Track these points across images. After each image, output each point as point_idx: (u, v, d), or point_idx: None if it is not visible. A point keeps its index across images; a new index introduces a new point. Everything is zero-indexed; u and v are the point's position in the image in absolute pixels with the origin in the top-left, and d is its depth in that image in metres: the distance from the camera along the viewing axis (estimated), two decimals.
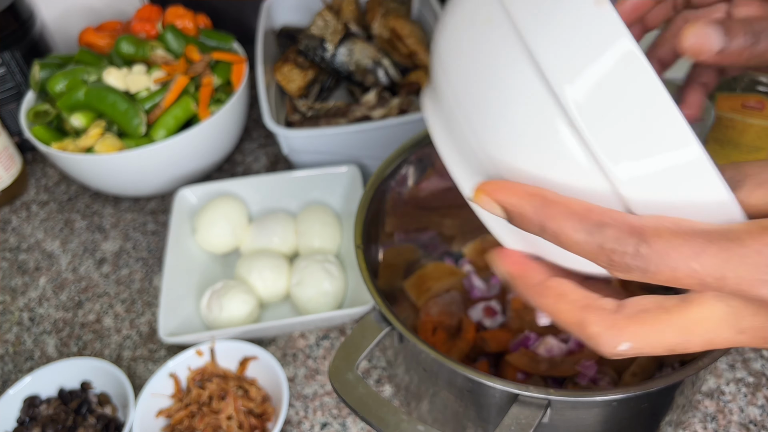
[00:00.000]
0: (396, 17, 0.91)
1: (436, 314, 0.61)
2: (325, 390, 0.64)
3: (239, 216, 0.75)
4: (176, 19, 0.90)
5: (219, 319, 0.66)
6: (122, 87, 0.81)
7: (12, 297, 0.77)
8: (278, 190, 0.79)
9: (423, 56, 0.89)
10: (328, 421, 0.62)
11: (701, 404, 0.60)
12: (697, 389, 0.53)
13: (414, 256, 0.68)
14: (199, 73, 0.83)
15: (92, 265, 0.80)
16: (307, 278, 0.68)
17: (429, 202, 0.66)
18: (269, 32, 0.95)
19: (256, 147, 0.94)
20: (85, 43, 0.91)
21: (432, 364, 0.48)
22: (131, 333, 0.72)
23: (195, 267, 0.73)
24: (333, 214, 0.76)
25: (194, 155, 0.81)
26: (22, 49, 0.89)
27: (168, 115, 0.79)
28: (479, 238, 0.71)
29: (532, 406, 0.42)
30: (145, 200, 0.88)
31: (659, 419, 0.50)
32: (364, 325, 0.47)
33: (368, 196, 0.56)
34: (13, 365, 0.70)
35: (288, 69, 0.88)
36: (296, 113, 0.85)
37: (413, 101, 0.83)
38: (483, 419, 0.48)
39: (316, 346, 0.68)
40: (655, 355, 0.33)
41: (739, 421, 0.59)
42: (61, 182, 0.92)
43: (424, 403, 0.53)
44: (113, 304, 0.75)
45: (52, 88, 0.80)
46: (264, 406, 0.61)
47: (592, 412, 0.45)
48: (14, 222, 0.87)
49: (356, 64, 0.86)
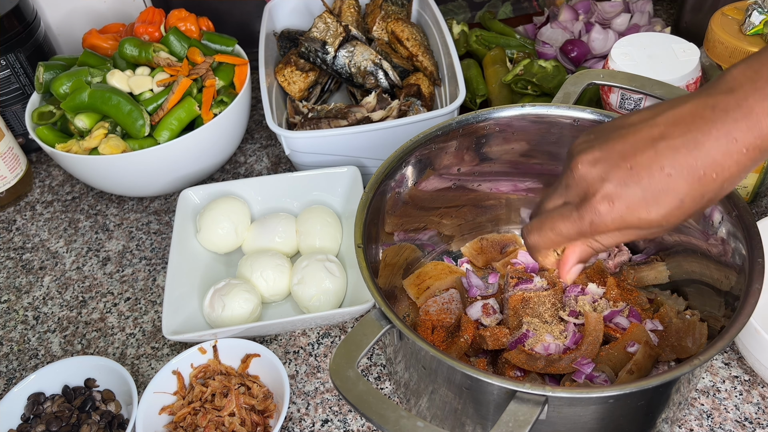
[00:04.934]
0: (396, 20, 0.91)
1: (435, 312, 0.62)
2: (326, 387, 0.65)
3: (241, 216, 0.76)
4: (179, 21, 0.90)
5: (221, 317, 0.67)
6: (126, 89, 0.82)
7: (17, 296, 0.78)
8: (280, 191, 0.79)
9: (422, 59, 0.90)
10: (329, 417, 0.63)
11: (697, 401, 0.61)
12: (693, 387, 0.54)
13: (413, 255, 0.69)
14: (201, 75, 0.84)
15: (96, 265, 0.81)
16: (308, 277, 0.69)
17: (428, 202, 0.66)
18: (271, 35, 0.96)
19: (258, 148, 0.95)
20: (89, 45, 0.91)
21: (431, 361, 0.49)
22: (135, 331, 0.72)
23: (198, 266, 0.74)
24: (333, 214, 0.77)
25: (197, 156, 0.81)
26: (27, 51, 0.90)
27: (171, 117, 0.80)
28: (477, 237, 0.72)
29: (530, 403, 0.43)
30: (149, 200, 0.88)
31: (655, 416, 0.50)
32: (365, 323, 0.48)
33: (368, 196, 0.56)
34: (18, 363, 0.71)
35: (289, 71, 0.89)
36: (297, 115, 0.86)
37: (413, 103, 0.84)
38: (481, 416, 0.49)
39: (317, 343, 0.69)
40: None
41: (734, 419, 0.59)
42: (66, 182, 0.93)
43: (423, 400, 0.54)
44: (117, 303, 0.76)
45: (56, 89, 0.81)
46: (266, 403, 0.61)
47: (588, 409, 0.46)
48: (19, 222, 0.88)
49: (356, 66, 0.87)
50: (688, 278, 0.61)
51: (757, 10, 0.70)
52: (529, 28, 1.02)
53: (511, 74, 0.89)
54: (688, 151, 0.39)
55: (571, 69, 0.93)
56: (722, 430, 0.59)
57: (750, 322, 0.56)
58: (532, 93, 0.88)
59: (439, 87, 0.91)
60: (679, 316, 0.60)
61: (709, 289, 0.57)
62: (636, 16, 0.97)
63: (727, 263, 0.53)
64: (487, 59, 0.94)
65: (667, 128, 0.40)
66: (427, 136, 0.61)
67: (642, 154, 0.40)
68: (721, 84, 0.39)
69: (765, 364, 0.58)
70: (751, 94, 0.37)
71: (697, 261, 0.59)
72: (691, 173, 0.39)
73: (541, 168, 0.67)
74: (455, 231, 0.71)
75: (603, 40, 0.93)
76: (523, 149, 0.65)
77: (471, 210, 0.70)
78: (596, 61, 0.93)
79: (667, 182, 0.39)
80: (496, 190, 0.69)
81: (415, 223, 0.67)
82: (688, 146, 0.39)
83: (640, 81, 0.64)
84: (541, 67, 0.88)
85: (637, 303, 0.62)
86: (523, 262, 0.65)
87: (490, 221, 0.72)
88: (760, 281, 0.47)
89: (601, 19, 0.97)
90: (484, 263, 0.70)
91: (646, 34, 0.78)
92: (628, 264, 0.66)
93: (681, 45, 0.75)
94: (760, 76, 0.37)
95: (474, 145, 0.64)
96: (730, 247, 0.52)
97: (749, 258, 0.49)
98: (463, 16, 1.09)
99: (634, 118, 0.42)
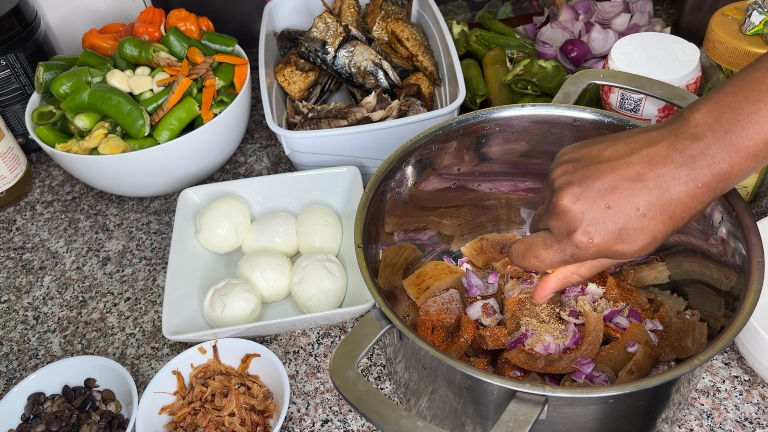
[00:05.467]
0: (396, 20, 0.91)
1: (435, 312, 0.62)
2: (326, 387, 0.65)
3: (241, 216, 0.76)
4: (179, 21, 0.90)
5: (221, 317, 0.67)
6: (126, 89, 0.82)
7: (17, 296, 0.78)
8: (280, 191, 0.80)
9: (422, 59, 0.90)
10: (329, 417, 0.63)
11: (697, 401, 0.61)
12: (693, 387, 0.54)
13: (413, 255, 0.69)
14: (201, 75, 0.84)
15: (96, 265, 0.81)
16: (308, 277, 0.69)
17: (428, 202, 0.66)
18: (271, 35, 0.96)
19: (258, 148, 0.95)
20: (89, 45, 0.91)
21: (431, 361, 0.49)
22: (135, 331, 0.72)
23: (198, 266, 0.74)
24: (333, 214, 0.77)
25: (197, 156, 0.81)
26: (27, 51, 0.90)
27: (171, 117, 0.80)
28: (477, 237, 0.72)
29: (530, 403, 0.43)
30: (149, 200, 0.88)
31: (655, 416, 0.50)
32: (365, 323, 0.48)
33: (368, 196, 0.56)
34: (18, 363, 0.71)
35: (289, 71, 0.89)
36: (297, 115, 0.86)
37: (413, 103, 0.84)
38: (481, 416, 0.49)
39: (317, 343, 0.69)
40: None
41: (734, 419, 0.59)
42: (66, 182, 0.93)
43: (423, 400, 0.54)
44: (117, 303, 0.76)
45: (56, 89, 0.81)
46: (266, 403, 0.61)
47: (588, 409, 0.46)
48: (19, 222, 0.88)
49: (356, 66, 0.87)
50: (688, 278, 0.61)
51: (757, 10, 0.70)
52: (529, 28, 1.02)
53: (511, 74, 0.89)
54: (660, 193, 0.43)
55: (571, 69, 0.93)
56: (722, 430, 0.59)
57: (750, 322, 0.56)
58: (532, 93, 0.88)
59: (439, 87, 0.91)
60: (679, 316, 0.60)
61: (709, 289, 0.57)
62: (636, 16, 0.97)
63: (727, 263, 0.53)
64: (487, 59, 0.94)
65: (642, 168, 0.44)
66: (427, 136, 0.61)
67: (620, 194, 0.44)
68: (686, 128, 0.43)
69: (765, 364, 0.58)
70: (713, 143, 0.42)
71: (697, 261, 0.59)
72: (663, 213, 0.44)
73: (541, 168, 0.67)
74: (455, 231, 0.71)
75: (603, 40, 0.93)
76: (523, 149, 0.65)
77: (471, 210, 0.70)
78: (596, 61, 0.93)
79: (642, 221, 0.44)
80: (496, 190, 0.69)
81: (415, 223, 0.67)
82: (660, 189, 0.43)
83: (640, 81, 0.64)
84: (541, 67, 0.88)
85: (637, 303, 0.62)
86: None
87: (490, 221, 0.72)
88: (760, 281, 0.47)
89: (601, 19, 0.97)
90: (484, 263, 0.70)
91: (646, 34, 0.78)
92: (628, 264, 0.66)
93: (681, 45, 0.75)
94: (719, 125, 0.42)
95: (474, 145, 0.64)
96: (730, 247, 0.52)
97: (749, 258, 0.49)
98: (463, 16, 1.09)
99: (610, 151, 0.46)
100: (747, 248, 0.49)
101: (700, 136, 0.42)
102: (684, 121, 0.43)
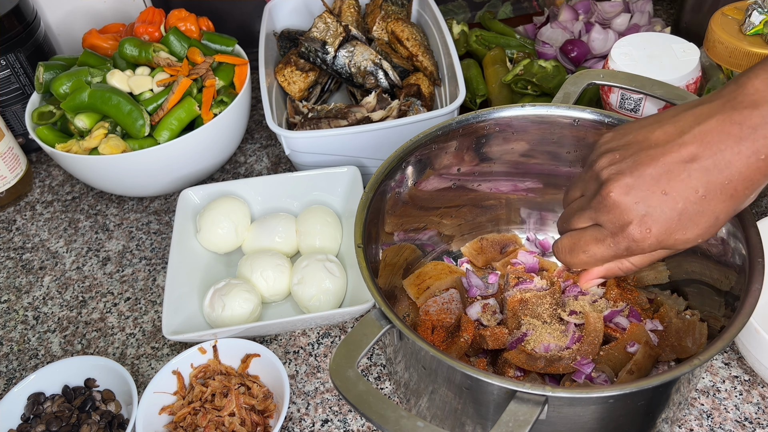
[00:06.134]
0: (396, 20, 0.91)
1: (435, 312, 0.62)
2: (326, 387, 0.65)
3: (241, 216, 0.76)
4: (179, 21, 0.90)
5: (221, 317, 0.67)
6: (126, 89, 0.82)
7: (17, 296, 0.78)
8: (280, 191, 0.80)
9: (422, 59, 0.90)
10: (329, 417, 0.63)
11: (697, 401, 0.61)
12: (693, 387, 0.54)
13: (413, 255, 0.69)
14: (201, 75, 0.84)
15: (96, 265, 0.81)
16: (308, 277, 0.69)
17: (428, 202, 0.66)
18: (271, 35, 0.96)
19: (258, 148, 0.95)
20: (89, 45, 0.91)
21: (431, 361, 0.49)
22: (135, 331, 0.72)
23: (198, 266, 0.74)
24: (333, 214, 0.77)
25: (197, 156, 0.81)
26: (27, 51, 0.90)
27: (171, 117, 0.80)
28: (477, 237, 0.72)
29: (530, 402, 0.42)
30: (149, 200, 0.88)
31: (655, 416, 0.50)
32: (365, 323, 0.48)
33: (368, 196, 0.56)
34: (18, 363, 0.71)
35: (289, 71, 0.89)
36: (297, 115, 0.86)
37: (413, 103, 0.84)
38: (481, 416, 0.49)
39: (317, 343, 0.69)
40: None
41: (734, 419, 0.59)
42: (66, 182, 0.93)
43: (423, 400, 0.54)
44: (117, 303, 0.76)
45: (56, 89, 0.81)
46: (266, 403, 0.61)
47: (588, 409, 0.46)
48: (19, 222, 0.88)
49: (356, 66, 0.87)
50: (688, 278, 0.61)
51: (757, 10, 0.70)
52: (529, 28, 1.02)
53: (511, 74, 0.89)
54: (719, 171, 0.40)
55: (571, 69, 0.93)
56: (722, 430, 0.59)
57: (750, 322, 0.56)
58: (532, 93, 0.88)
59: (439, 87, 0.91)
60: (679, 316, 0.60)
61: (709, 289, 0.57)
62: (636, 16, 0.97)
63: (727, 263, 0.53)
64: (487, 59, 0.94)
65: (697, 148, 0.41)
66: (427, 136, 0.61)
67: (675, 177, 0.41)
68: (744, 96, 0.40)
69: (765, 364, 0.58)
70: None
71: (697, 261, 0.59)
72: (724, 192, 0.41)
73: (541, 168, 0.67)
74: (455, 231, 0.71)
75: (603, 40, 0.93)
76: (523, 149, 0.65)
77: (471, 210, 0.70)
78: (596, 61, 0.93)
79: (702, 204, 0.41)
80: (496, 190, 0.69)
81: (415, 223, 0.67)
82: (719, 167, 0.40)
83: (640, 81, 0.64)
84: (541, 67, 0.88)
85: (637, 303, 0.62)
86: (523, 262, 0.66)
87: (490, 221, 0.72)
88: (760, 281, 0.47)
89: (601, 19, 0.97)
90: (484, 263, 0.70)
91: (646, 34, 0.78)
92: None
93: (681, 45, 0.75)
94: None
95: (474, 145, 0.64)
96: (730, 247, 0.52)
97: (749, 258, 0.49)
98: (463, 16, 1.09)
99: (658, 134, 0.43)
100: (747, 248, 0.49)
101: (761, 103, 0.39)
102: (741, 90, 0.40)
